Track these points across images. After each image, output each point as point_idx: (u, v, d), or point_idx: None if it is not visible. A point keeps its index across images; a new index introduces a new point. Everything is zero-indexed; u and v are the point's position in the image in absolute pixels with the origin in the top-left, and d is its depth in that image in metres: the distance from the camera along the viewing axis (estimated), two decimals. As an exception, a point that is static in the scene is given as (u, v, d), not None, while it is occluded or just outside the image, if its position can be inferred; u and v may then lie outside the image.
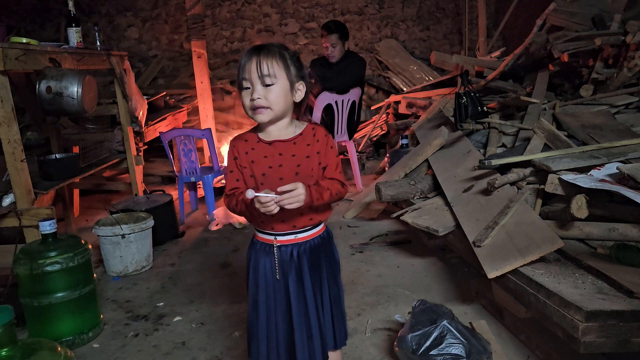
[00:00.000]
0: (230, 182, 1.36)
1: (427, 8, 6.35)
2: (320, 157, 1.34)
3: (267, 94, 1.26)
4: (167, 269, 2.84)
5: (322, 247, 1.39)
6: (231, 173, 1.36)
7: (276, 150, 1.32)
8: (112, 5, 6.17)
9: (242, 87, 1.28)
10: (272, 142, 1.33)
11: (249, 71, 1.26)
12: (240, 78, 1.29)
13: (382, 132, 5.30)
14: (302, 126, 1.37)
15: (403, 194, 2.82)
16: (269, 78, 1.26)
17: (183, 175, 3.70)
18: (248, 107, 1.29)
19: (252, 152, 1.33)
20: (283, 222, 1.34)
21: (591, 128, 2.63)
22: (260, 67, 1.25)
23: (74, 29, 2.92)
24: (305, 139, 1.34)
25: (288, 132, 1.35)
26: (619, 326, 1.43)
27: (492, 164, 2.36)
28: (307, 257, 1.35)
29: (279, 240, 1.35)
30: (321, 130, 1.37)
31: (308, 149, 1.33)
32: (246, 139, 1.36)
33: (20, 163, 2.31)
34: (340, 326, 1.43)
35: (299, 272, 1.35)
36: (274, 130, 1.34)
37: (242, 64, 1.28)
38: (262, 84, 1.26)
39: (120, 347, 2.03)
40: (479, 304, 2.15)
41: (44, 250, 1.99)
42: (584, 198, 1.80)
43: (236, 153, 1.35)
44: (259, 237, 1.39)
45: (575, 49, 3.40)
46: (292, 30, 6.26)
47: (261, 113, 1.28)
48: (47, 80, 2.48)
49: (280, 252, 1.35)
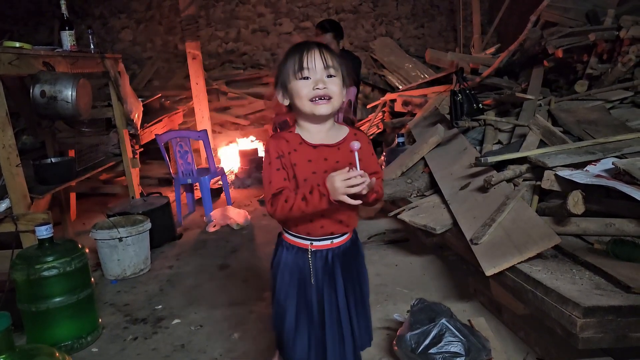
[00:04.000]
0: (278, 182, 1.25)
1: (421, 5, 6.35)
2: (364, 164, 1.27)
3: (330, 85, 1.24)
4: (165, 271, 2.83)
5: (353, 250, 1.38)
6: (278, 172, 1.26)
7: (321, 155, 1.26)
8: (106, 7, 6.14)
9: (299, 77, 1.24)
10: (317, 146, 1.27)
11: (311, 60, 1.23)
12: (296, 68, 1.24)
13: (379, 131, 5.30)
14: (344, 131, 1.33)
15: (400, 192, 2.83)
16: (333, 69, 1.25)
17: (180, 177, 3.69)
18: (308, 97, 1.24)
19: (294, 154, 1.26)
20: (322, 228, 1.31)
21: (586, 123, 2.63)
22: (325, 57, 1.24)
23: (67, 32, 2.91)
24: (348, 144, 1.27)
25: (331, 136, 1.30)
26: (616, 321, 1.44)
27: (488, 161, 2.37)
28: (339, 261, 1.34)
29: (315, 246, 1.32)
30: (364, 137, 1.34)
31: (351, 156, 1.24)
32: (287, 139, 1.28)
33: (15, 168, 2.30)
34: (368, 327, 1.43)
35: (332, 276, 1.33)
36: (318, 131, 1.30)
37: (301, 54, 1.24)
38: (327, 75, 1.24)
39: (120, 351, 2.02)
40: (478, 302, 2.15)
41: (41, 255, 1.98)
42: (580, 194, 1.80)
43: (280, 151, 1.27)
44: (292, 241, 1.35)
45: (570, 44, 3.41)
46: (286, 30, 6.25)
47: (323, 104, 1.24)
48: (41, 84, 2.47)
49: (315, 257, 1.32)
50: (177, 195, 3.74)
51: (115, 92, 3.35)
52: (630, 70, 3.07)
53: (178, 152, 3.63)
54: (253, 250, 3.09)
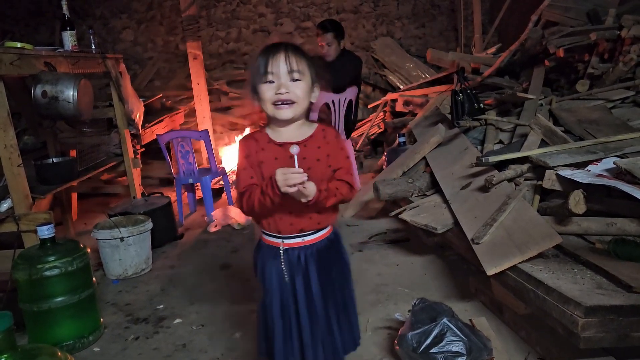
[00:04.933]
0: (244, 180, 1.29)
1: (422, 5, 6.35)
2: (330, 159, 1.31)
3: (294, 89, 1.24)
4: (166, 271, 2.83)
5: (330, 249, 1.37)
6: (244, 171, 1.30)
7: (287, 153, 1.26)
8: (107, 7, 6.15)
9: (264, 80, 1.24)
10: (283, 144, 1.28)
11: (276, 65, 1.22)
12: (261, 72, 1.24)
13: (380, 131, 5.30)
14: (313, 127, 1.33)
15: (401, 192, 2.83)
16: (298, 73, 1.24)
17: (181, 177, 3.69)
18: (270, 100, 1.24)
19: (262, 153, 1.29)
20: (291, 225, 1.31)
21: (588, 123, 2.63)
22: (289, 61, 1.23)
23: (68, 32, 2.91)
24: (316, 140, 1.31)
25: (299, 133, 1.31)
26: (618, 321, 1.44)
27: (489, 160, 2.36)
28: (314, 260, 1.33)
29: (286, 244, 1.32)
30: (331, 132, 1.33)
31: (318, 152, 1.30)
32: (256, 139, 1.31)
33: (17, 168, 2.31)
34: (353, 331, 1.40)
35: (306, 276, 1.32)
36: (286, 130, 1.30)
37: (267, 57, 1.24)
38: (291, 79, 1.23)
39: (121, 351, 2.03)
40: (479, 301, 2.15)
41: (43, 255, 1.98)
42: (581, 193, 1.80)
43: (247, 151, 1.30)
44: (266, 240, 1.37)
45: (571, 44, 3.40)
46: (287, 30, 6.24)
47: (285, 108, 1.24)
48: (42, 84, 2.47)
49: (287, 255, 1.32)
50: (179, 195, 3.74)
51: (117, 92, 3.36)
52: (632, 70, 3.07)
53: (179, 152, 3.63)
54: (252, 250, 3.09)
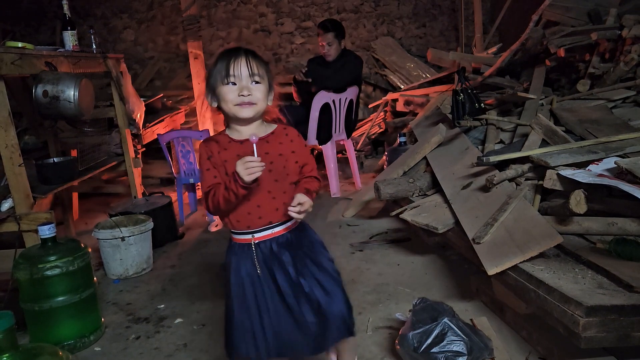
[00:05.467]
0: (208, 180, 1.36)
1: (422, 5, 6.35)
2: (297, 156, 1.40)
3: (254, 91, 1.33)
4: (167, 270, 2.84)
5: (300, 234, 1.43)
6: (208, 171, 1.36)
7: (249, 149, 1.32)
8: (108, 7, 6.15)
9: (226, 82, 1.32)
10: (243, 141, 1.36)
11: (237, 68, 1.31)
12: (223, 74, 1.32)
13: (380, 130, 5.30)
14: (272, 126, 1.42)
15: (402, 191, 2.83)
16: (258, 76, 1.33)
17: (182, 177, 3.69)
18: (233, 102, 1.33)
19: (224, 152, 1.36)
20: (260, 219, 1.36)
21: (589, 123, 2.63)
22: (250, 65, 1.32)
23: (69, 32, 2.91)
24: (278, 137, 1.40)
25: (259, 131, 1.39)
26: (619, 321, 1.43)
27: (490, 160, 2.36)
28: (286, 247, 1.38)
29: (257, 237, 1.37)
30: (293, 131, 1.43)
31: (281, 147, 1.38)
32: (217, 140, 1.39)
33: (18, 168, 2.31)
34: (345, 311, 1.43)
35: (281, 263, 1.36)
36: (246, 129, 1.38)
37: (228, 60, 1.32)
38: (252, 82, 1.32)
39: (122, 350, 2.03)
40: (480, 301, 2.15)
41: (44, 255, 1.98)
42: (582, 193, 1.80)
43: (209, 152, 1.37)
44: (236, 239, 1.40)
45: (572, 43, 3.40)
46: (288, 30, 6.25)
47: (247, 108, 1.33)
48: (43, 84, 2.47)
49: (259, 248, 1.37)
50: (179, 195, 3.75)
51: (117, 92, 3.36)
52: (633, 70, 3.07)
53: (180, 151, 3.63)
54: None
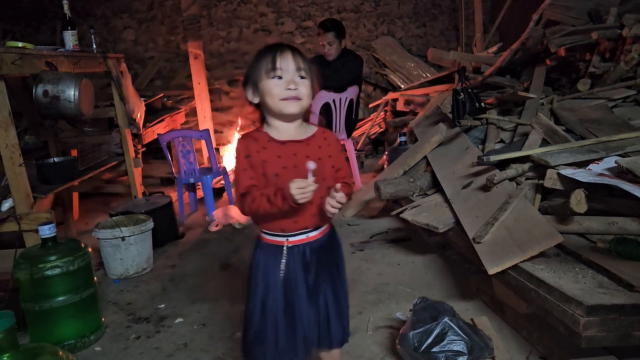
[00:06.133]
0: (245, 181, 1.29)
1: (423, 5, 6.34)
2: (332, 160, 1.35)
3: (300, 86, 1.28)
4: (167, 270, 2.84)
5: (330, 243, 1.41)
6: (244, 171, 1.29)
7: (290, 150, 1.29)
8: (108, 7, 6.15)
9: (272, 76, 1.27)
10: (285, 142, 1.31)
11: (285, 61, 1.27)
12: (269, 67, 1.27)
13: (381, 130, 5.30)
14: (312, 129, 1.37)
15: (402, 191, 2.83)
16: (304, 71, 1.29)
17: (182, 177, 3.69)
18: (279, 96, 1.27)
19: (263, 152, 1.30)
20: (295, 223, 1.32)
21: (589, 122, 2.63)
22: (296, 59, 1.28)
23: (69, 32, 2.91)
24: (317, 140, 1.35)
25: (300, 133, 1.34)
26: (619, 320, 1.43)
27: (490, 160, 2.36)
28: (317, 254, 1.36)
29: (291, 241, 1.34)
30: (331, 134, 1.39)
31: (320, 151, 1.33)
32: (255, 138, 1.32)
33: (18, 167, 2.31)
34: (346, 322, 1.43)
35: (308, 269, 1.35)
36: (287, 129, 1.33)
37: (274, 54, 1.28)
38: (298, 76, 1.28)
39: (122, 350, 2.03)
40: (480, 300, 2.15)
41: (44, 255, 1.98)
42: (582, 192, 1.80)
43: (247, 151, 1.30)
44: (268, 240, 1.36)
45: (572, 43, 3.40)
46: (288, 29, 6.24)
47: (294, 102, 1.28)
48: (43, 84, 2.47)
49: (292, 252, 1.34)
50: (180, 195, 3.75)
51: (118, 92, 3.36)
52: (633, 69, 3.07)
53: (180, 151, 3.63)
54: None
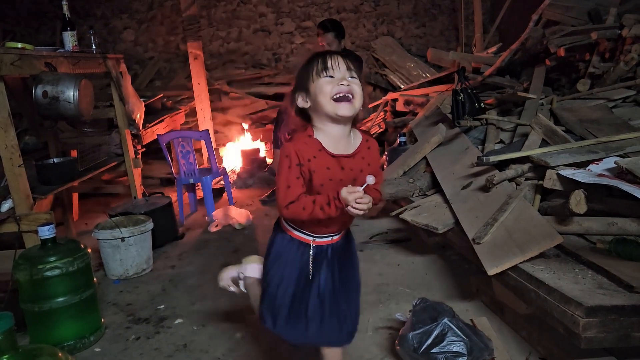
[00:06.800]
0: (297, 188, 1.29)
1: (422, 5, 6.35)
2: (371, 168, 1.37)
3: (352, 84, 1.29)
4: (167, 271, 2.84)
5: (348, 244, 1.50)
6: (297, 180, 1.30)
7: (339, 164, 1.32)
8: (107, 8, 6.15)
9: (324, 75, 1.29)
10: (335, 156, 1.32)
11: (335, 63, 1.29)
12: (320, 67, 1.29)
13: (380, 130, 5.29)
14: (359, 137, 1.40)
15: (402, 191, 2.83)
16: (355, 72, 1.31)
17: (182, 177, 3.69)
18: (331, 94, 1.27)
19: (314, 161, 1.30)
20: (326, 228, 1.40)
21: (589, 122, 2.63)
22: (346, 61, 1.31)
23: (69, 33, 2.91)
24: (362, 152, 1.37)
25: (349, 144, 1.36)
26: (619, 321, 1.43)
27: (490, 160, 2.36)
28: (337, 254, 1.44)
29: (317, 242, 1.42)
30: (374, 143, 1.41)
31: (363, 162, 1.36)
32: (307, 144, 1.32)
33: (18, 168, 2.31)
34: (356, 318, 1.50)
35: (330, 266, 1.42)
36: (337, 135, 1.33)
37: (324, 56, 1.30)
38: (349, 76, 1.30)
39: (122, 351, 2.03)
40: (480, 301, 2.15)
41: (44, 255, 1.98)
42: (582, 193, 1.80)
43: (301, 159, 1.30)
44: (296, 235, 1.43)
45: (572, 43, 3.40)
46: (288, 30, 6.25)
47: (346, 104, 1.28)
48: (43, 84, 2.47)
49: (316, 250, 1.42)
50: (179, 195, 3.74)
51: (117, 93, 3.36)
52: (633, 69, 3.07)
53: (180, 152, 3.63)
54: (255, 250, 3.08)
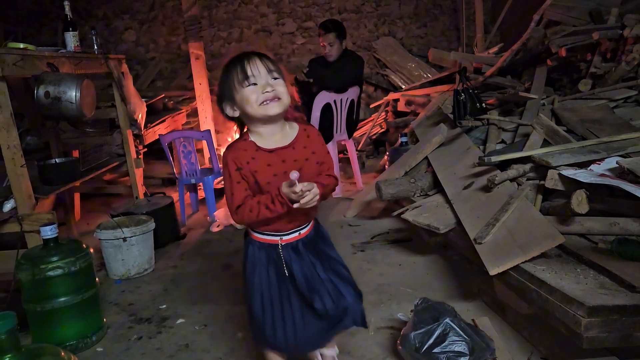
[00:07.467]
0: (240, 193, 1.34)
1: (424, 5, 6.34)
2: (317, 156, 1.39)
3: (277, 86, 1.30)
4: (169, 271, 2.84)
5: (317, 233, 1.50)
6: (239, 184, 1.34)
7: (279, 158, 1.33)
8: (109, 8, 6.16)
9: (246, 85, 1.30)
10: (273, 150, 1.34)
11: (255, 67, 1.30)
12: (240, 77, 1.30)
13: (382, 130, 5.30)
14: (295, 128, 1.40)
15: (403, 192, 2.83)
16: (276, 72, 1.32)
17: (183, 177, 3.70)
18: (257, 101, 1.30)
19: (253, 162, 1.33)
20: (289, 223, 1.39)
21: (590, 122, 2.63)
22: (266, 63, 1.31)
23: (71, 33, 2.92)
24: (301, 141, 1.37)
25: (285, 136, 1.37)
26: (621, 321, 1.43)
27: (491, 160, 2.36)
28: (309, 245, 1.44)
29: (284, 240, 1.40)
30: (313, 130, 1.42)
31: (305, 152, 1.37)
32: (244, 148, 1.35)
33: (20, 168, 2.31)
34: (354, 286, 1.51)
35: (304, 259, 1.42)
36: (271, 133, 1.36)
37: (242, 64, 1.30)
38: (272, 78, 1.31)
39: (124, 350, 2.03)
40: (481, 301, 2.15)
41: (46, 255, 1.99)
42: (584, 193, 1.80)
43: (239, 164, 1.33)
44: (262, 239, 1.41)
45: (573, 43, 3.40)
46: (289, 30, 6.25)
47: (274, 104, 1.30)
48: (45, 85, 2.48)
49: (287, 249, 1.40)
50: (181, 195, 3.75)
51: (119, 93, 3.36)
52: (634, 69, 3.07)
53: (181, 152, 3.63)
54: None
